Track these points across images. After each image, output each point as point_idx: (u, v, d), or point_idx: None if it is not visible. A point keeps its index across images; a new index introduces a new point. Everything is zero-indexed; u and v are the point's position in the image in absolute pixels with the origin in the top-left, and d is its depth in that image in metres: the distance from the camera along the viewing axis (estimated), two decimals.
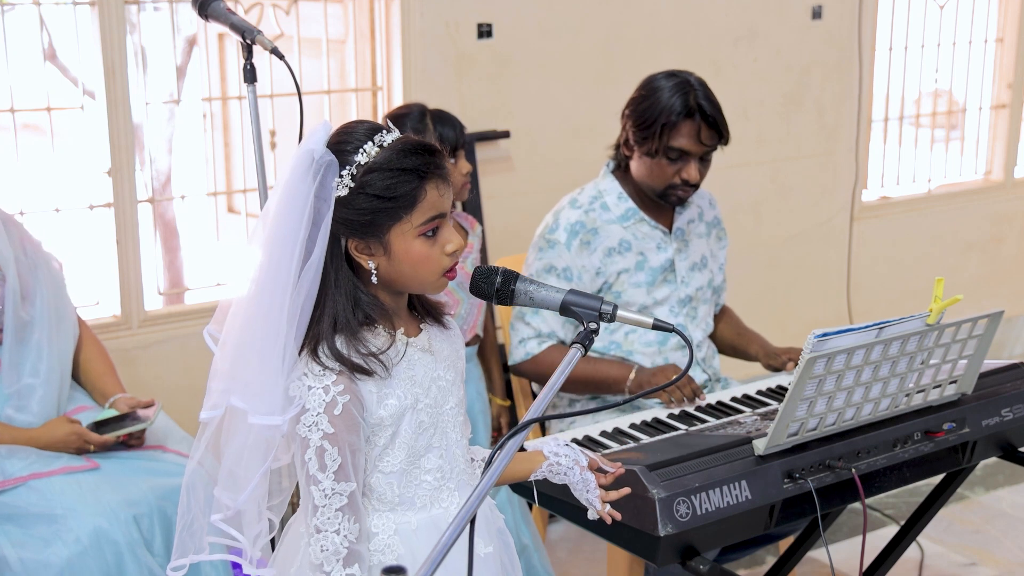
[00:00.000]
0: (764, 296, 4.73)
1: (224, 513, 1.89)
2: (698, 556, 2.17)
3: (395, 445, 1.90)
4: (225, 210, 4.16)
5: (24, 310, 2.80)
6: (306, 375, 1.84)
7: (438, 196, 1.87)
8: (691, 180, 2.97)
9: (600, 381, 2.99)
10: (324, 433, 1.82)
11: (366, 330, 1.88)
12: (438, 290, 1.93)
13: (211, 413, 1.87)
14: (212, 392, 1.87)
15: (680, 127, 2.93)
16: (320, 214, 1.82)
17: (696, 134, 2.93)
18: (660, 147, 2.95)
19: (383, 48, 3.87)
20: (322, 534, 1.82)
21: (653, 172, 2.99)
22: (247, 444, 1.85)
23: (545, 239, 3.06)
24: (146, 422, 2.77)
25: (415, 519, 1.92)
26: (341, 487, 1.83)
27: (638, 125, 2.98)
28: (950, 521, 3.95)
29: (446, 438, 1.96)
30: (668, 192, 3.01)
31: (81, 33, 3.44)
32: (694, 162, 2.96)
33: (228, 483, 1.88)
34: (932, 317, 2.28)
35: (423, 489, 1.93)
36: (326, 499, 1.82)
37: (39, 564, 2.54)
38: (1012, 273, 5.58)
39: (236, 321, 1.85)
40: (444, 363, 1.97)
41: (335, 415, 1.82)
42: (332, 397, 1.82)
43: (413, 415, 1.90)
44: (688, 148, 2.94)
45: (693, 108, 2.92)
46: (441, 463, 1.95)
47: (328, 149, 1.84)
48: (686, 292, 3.12)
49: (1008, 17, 5.29)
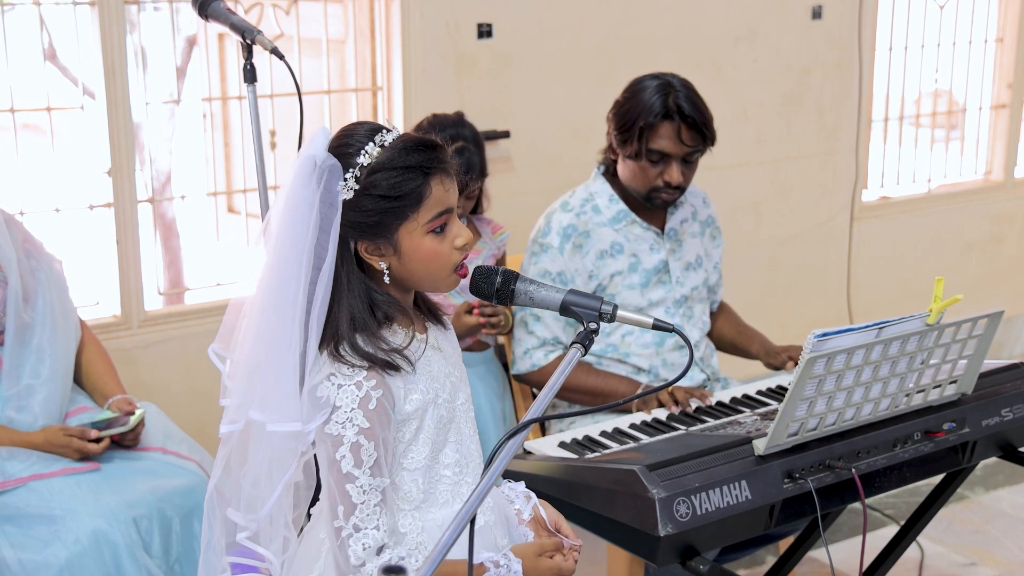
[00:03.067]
0: (764, 296, 4.73)
1: (249, 530, 1.87)
2: (698, 556, 2.17)
3: (419, 440, 1.90)
4: (225, 210, 4.16)
5: (26, 312, 2.80)
6: (334, 375, 1.82)
7: (443, 191, 1.87)
8: (673, 182, 2.96)
9: (609, 393, 2.98)
10: (360, 428, 1.81)
11: (384, 328, 1.88)
12: (451, 287, 1.93)
13: (231, 427, 1.86)
14: (228, 409, 1.86)
15: (658, 128, 2.92)
16: (328, 219, 1.81)
17: (675, 135, 2.92)
18: (641, 149, 2.94)
19: (383, 48, 3.87)
20: (362, 532, 1.80)
21: (636, 175, 2.99)
22: (268, 456, 1.83)
23: (538, 243, 3.06)
24: (124, 426, 2.76)
25: (440, 515, 1.92)
26: (377, 482, 1.82)
27: (619, 128, 2.98)
28: (950, 521, 3.95)
29: (460, 432, 1.97)
30: (652, 195, 3.00)
31: (81, 33, 3.44)
32: (676, 164, 2.95)
33: (246, 501, 1.86)
34: (932, 317, 2.28)
35: (444, 484, 1.93)
36: (364, 495, 1.81)
37: (38, 565, 2.54)
38: (1012, 273, 5.58)
39: (248, 333, 1.83)
40: (451, 360, 1.99)
41: (370, 410, 1.81)
42: (366, 392, 1.82)
43: (434, 409, 1.91)
44: (668, 150, 2.93)
45: (672, 109, 2.91)
46: (458, 457, 1.95)
47: (330, 153, 1.83)
48: (681, 292, 3.12)
49: (1008, 17, 5.29)
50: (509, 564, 1.87)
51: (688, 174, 2.99)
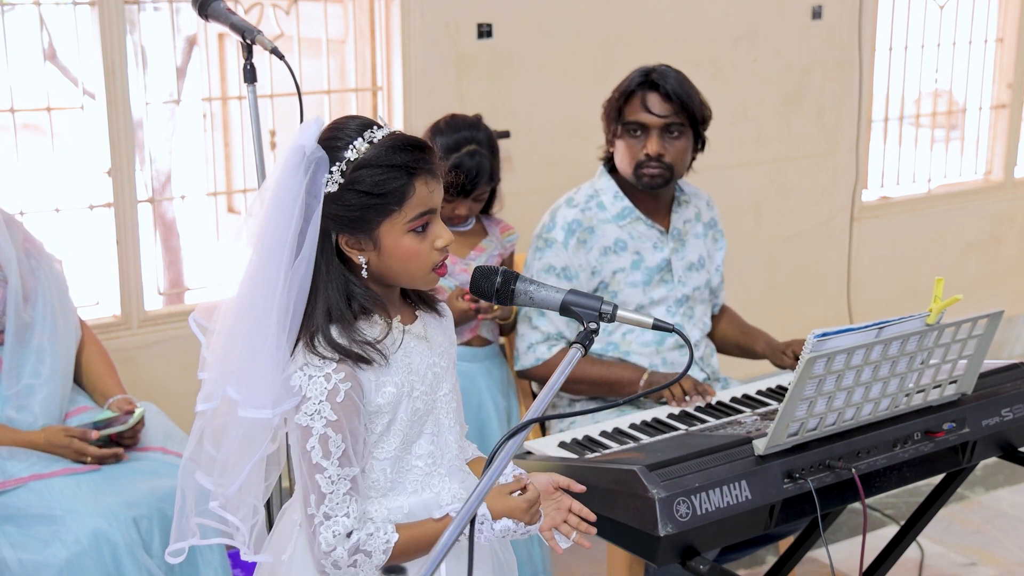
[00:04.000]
0: (764, 296, 4.73)
1: (220, 500, 1.91)
2: (698, 556, 2.17)
3: (391, 432, 1.92)
4: (225, 210, 4.16)
5: (26, 312, 2.80)
6: (306, 365, 1.85)
7: (427, 192, 1.88)
8: (652, 153, 2.99)
9: (615, 382, 2.99)
10: (327, 421, 1.83)
11: (362, 320, 1.89)
12: (429, 285, 1.95)
13: (207, 405, 1.89)
14: (205, 383, 1.89)
15: (633, 99, 3.01)
16: (311, 209, 1.84)
17: (649, 104, 2.98)
18: (621, 125, 3.01)
19: (383, 48, 3.87)
20: (332, 520, 1.84)
21: (623, 155, 3.04)
22: (240, 435, 1.87)
23: (543, 239, 3.06)
24: (123, 425, 2.77)
25: (407, 503, 1.94)
26: (345, 471, 1.84)
27: (607, 112, 3.07)
28: (950, 521, 3.95)
29: (439, 424, 1.98)
30: (639, 173, 3.02)
31: (81, 33, 3.44)
32: (655, 134, 2.99)
33: (218, 470, 1.89)
34: (932, 317, 2.28)
35: (414, 474, 1.95)
36: (332, 485, 1.84)
37: (38, 565, 2.54)
38: (1012, 273, 5.58)
39: (228, 314, 1.87)
40: (438, 350, 1.99)
41: (337, 402, 1.84)
42: (334, 384, 1.84)
43: (409, 402, 1.92)
44: (643, 120, 2.99)
45: (647, 82, 3.00)
46: (432, 448, 1.97)
47: (319, 145, 1.85)
48: (683, 292, 3.12)
49: (1008, 17, 5.29)
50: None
51: (671, 148, 3.00)
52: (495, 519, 1.89)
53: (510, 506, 1.90)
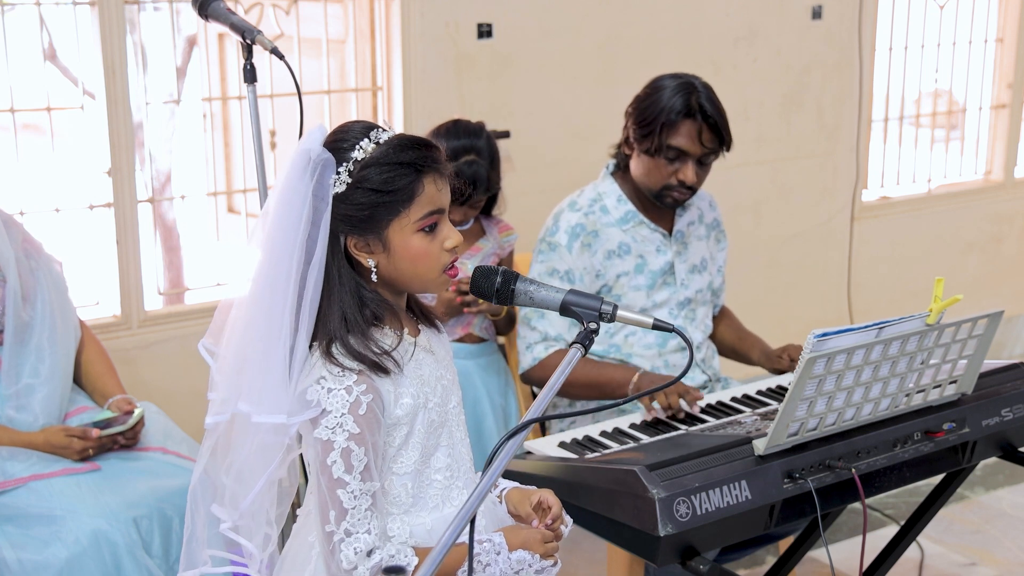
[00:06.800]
0: (764, 296, 4.73)
1: (232, 522, 1.87)
2: (698, 556, 2.17)
3: (409, 445, 1.90)
4: (225, 210, 4.16)
5: (25, 311, 2.80)
6: (324, 378, 1.82)
7: (436, 191, 1.87)
8: (687, 182, 2.96)
9: (604, 383, 2.98)
10: (350, 434, 1.80)
11: (374, 329, 1.87)
12: (440, 288, 1.93)
13: (216, 419, 1.86)
14: (213, 402, 1.86)
15: (679, 126, 2.93)
16: (319, 213, 1.82)
17: (696, 135, 2.93)
18: (659, 145, 2.95)
19: (383, 48, 3.87)
20: (353, 536, 1.80)
21: (651, 171, 2.99)
22: (252, 449, 1.84)
23: (546, 242, 3.06)
24: (123, 425, 2.77)
25: (428, 519, 1.92)
26: (368, 487, 1.82)
27: (639, 122, 2.98)
28: (950, 521, 3.95)
29: (452, 436, 1.97)
30: (664, 193, 3.00)
31: (81, 33, 3.44)
32: (691, 163, 2.96)
33: (230, 495, 1.86)
34: (932, 317, 2.28)
35: (434, 489, 1.93)
36: (355, 500, 1.81)
37: (38, 565, 2.54)
38: (1012, 273, 5.58)
39: (237, 325, 1.84)
40: (444, 363, 1.98)
41: (360, 415, 1.81)
42: (356, 397, 1.81)
43: (425, 413, 1.90)
44: (686, 148, 2.94)
45: (694, 108, 2.92)
46: (449, 461, 1.95)
47: (324, 148, 1.84)
48: (685, 294, 3.12)
49: (1008, 17, 5.29)
50: (491, 538, 1.88)
51: (701, 175, 3.00)
52: (511, 551, 1.87)
53: (525, 538, 1.88)
